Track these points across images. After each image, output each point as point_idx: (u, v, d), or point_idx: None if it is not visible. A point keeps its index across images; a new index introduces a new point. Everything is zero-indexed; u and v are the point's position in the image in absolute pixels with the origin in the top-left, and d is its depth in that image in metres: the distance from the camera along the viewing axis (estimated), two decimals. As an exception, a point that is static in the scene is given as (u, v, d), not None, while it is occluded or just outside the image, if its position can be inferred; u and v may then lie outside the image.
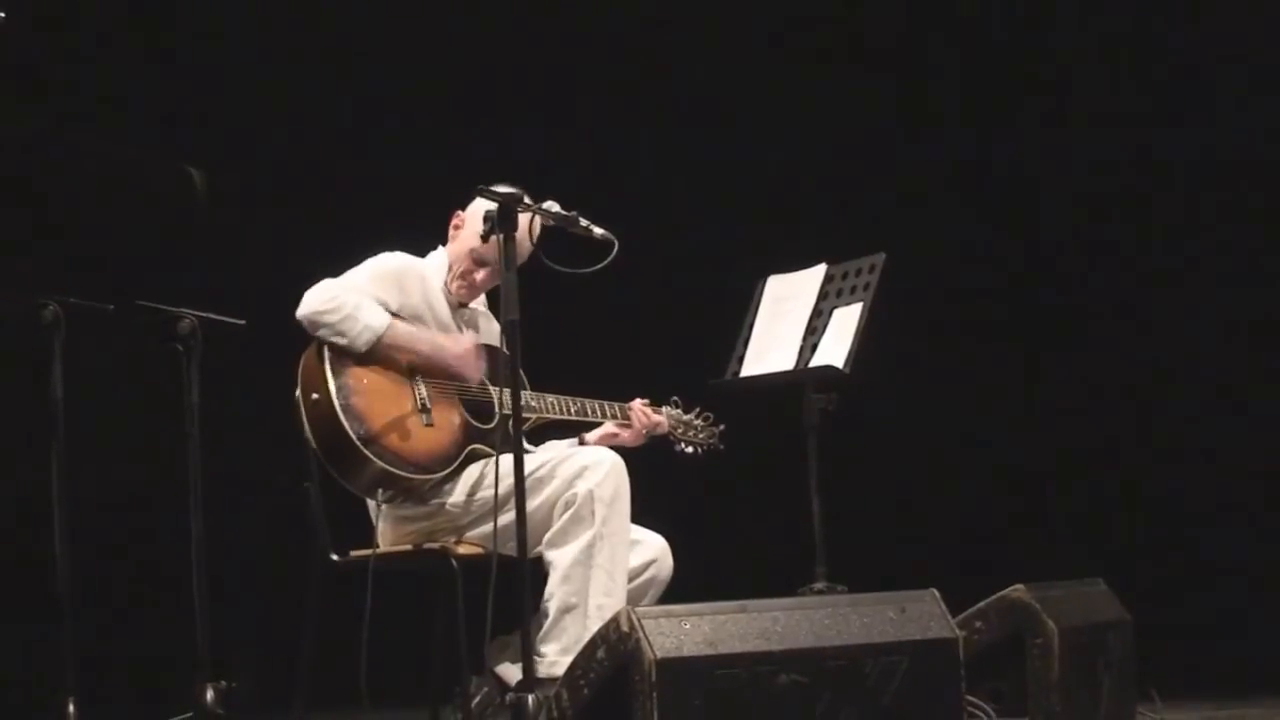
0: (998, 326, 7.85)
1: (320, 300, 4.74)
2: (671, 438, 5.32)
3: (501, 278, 4.36)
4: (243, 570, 6.41)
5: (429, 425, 4.82)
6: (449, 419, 4.88)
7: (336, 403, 4.68)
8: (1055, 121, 7.84)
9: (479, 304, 5.18)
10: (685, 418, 5.37)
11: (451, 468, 4.82)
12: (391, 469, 4.71)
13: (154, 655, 6.62)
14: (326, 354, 4.74)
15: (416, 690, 5.28)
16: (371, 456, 4.68)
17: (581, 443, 5.21)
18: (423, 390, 4.85)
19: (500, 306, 4.43)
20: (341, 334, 4.73)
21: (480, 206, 4.98)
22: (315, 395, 4.72)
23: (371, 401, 4.74)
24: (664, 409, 5.32)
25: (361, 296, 4.78)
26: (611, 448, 5.11)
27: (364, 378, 4.77)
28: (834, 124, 7.87)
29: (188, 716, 4.78)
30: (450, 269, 5.05)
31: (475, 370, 4.92)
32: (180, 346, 4.85)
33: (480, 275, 5.02)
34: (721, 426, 5.42)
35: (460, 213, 5.07)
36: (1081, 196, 7.87)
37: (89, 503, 5.32)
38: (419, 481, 4.79)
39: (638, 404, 5.24)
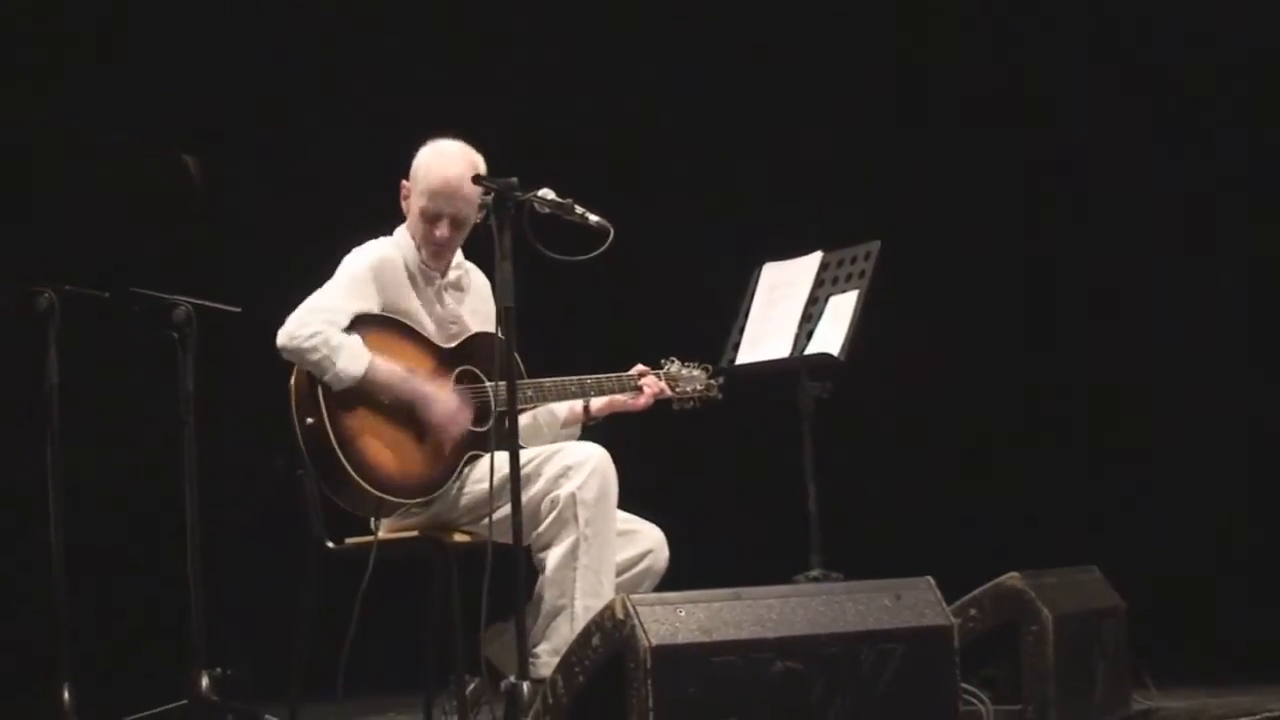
0: (993, 313, 7.85)
1: (302, 336, 4.65)
2: (673, 395, 5.28)
3: (497, 267, 4.34)
4: (238, 557, 6.41)
5: (425, 441, 4.79)
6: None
7: (331, 431, 4.63)
8: (1059, 110, 7.83)
9: (458, 264, 5.11)
10: (684, 372, 5.31)
11: (448, 482, 4.81)
12: (387, 496, 4.70)
13: (149, 642, 6.63)
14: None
15: (411, 679, 5.29)
16: (366, 485, 4.65)
17: (586, 409, 5.19)
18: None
19: (495, 292, 4.41)
20: (321, 371, 4.64)
21: (418, 163, 4.99)
22: (309, 420, 4.67)
23: (366, 426, 4.70)
24: (663, 366, 5.27)
25: (342, 334, 4.69)
26: (615, 414, 5.18)
27: (358, 400, 4.71)
28: (830, 110, 7.87)
29: (182, 703, 4.79)
30: (415, 243, 5.01)
31: (458, 427, 4.81)
32: (175, 334, 4.85)
33: (439, 231, 4.92)
34: (721, 379, 5.38)
35: (405, 182, 5.02)
36: (1081, 184, 7.86)
37: (84, 490, 5.33)
38: (416, 503, 4.80)
39: (638, 370, 5.21)
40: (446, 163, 4.90)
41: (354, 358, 4.67)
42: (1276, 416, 7.43)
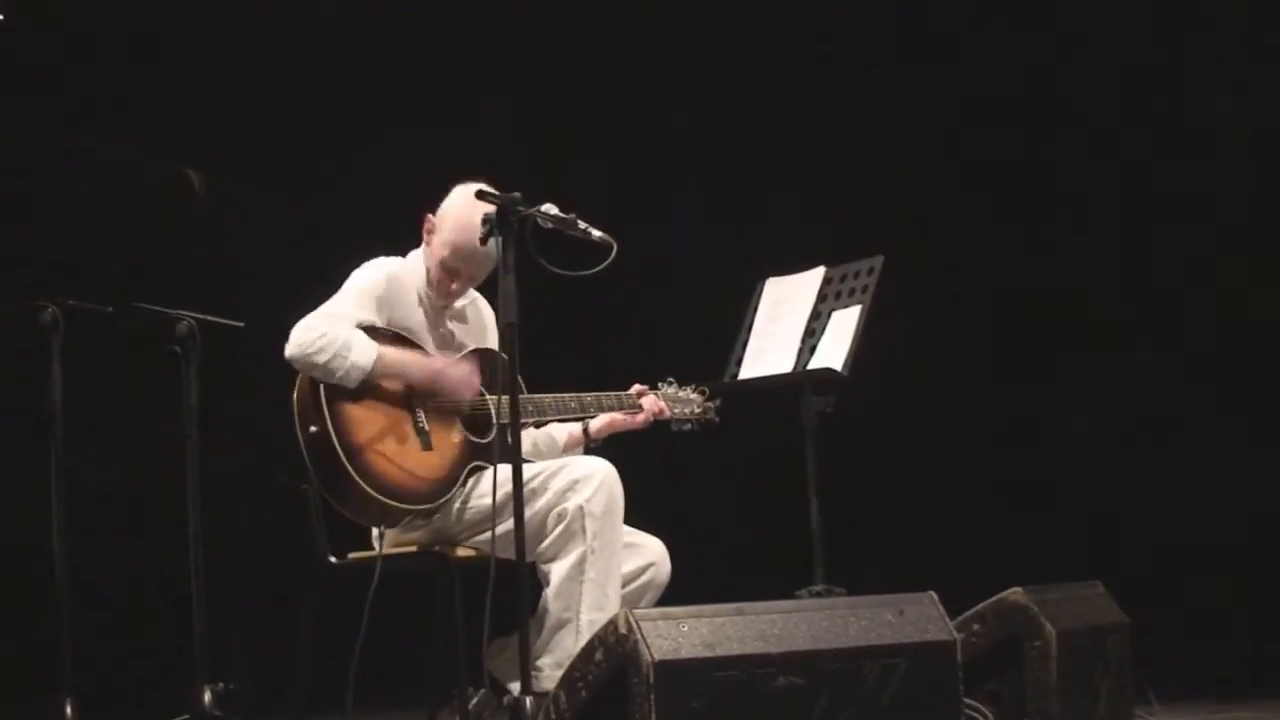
0: (996, 329, 7.85)
1: (308, 340, 4.67)
2: (670, 417, 5.31)
3: (500, 282, 4.34)
4: (241, 572, 6.41)
5: (428, 450, 4.79)
6: (448, 440, 4.86)
7: (335, 439, 4.65)
8: (1061, 123, 7.83)
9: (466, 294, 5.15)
10: (681, 394, 5.34)
11: (452, 492, 4.82)
12: (391, 502, 4.71)
13: (152, 656, 6.63)
14: (322, 387, 4.70)
15: (414, 693, 5.29)
16: (371, 491, 4.66)
17: (585, 431, 5.23)
18: (421, 415, 4.83)
19: (499, 309, 4.41)
20: (331, 373, 4.67)
21: (449, 210, 4.97)
22: (313, 428, 4.68)
23: (369, 434, 4.71)
24: (660, 388, 5.30)
25: (349, 330, 4.72)
26: (613, 435, 5.20)
27: (360, 409, 4.72)
28: (833, 125, 7.88)
29: (185, 717, 4.79)
30: (428, 274, 5.02)
31: (470, 389, 4.87)
32: (178, 348, 4.85)
33: (454, 285, 4.99)
34: (718, 401, 5.40)
35: (431, 216, 5.02)
36: (1082, 198, 7.86)
37: (87, 504, 5.32)
38: (420, 511, 4.80)
39: (637, 390, 5.23)
40: (476, 223, 4.54)
41: (364, 350, 4.71)
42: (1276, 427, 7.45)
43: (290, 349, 4.70)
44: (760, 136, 7.90)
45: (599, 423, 5.22)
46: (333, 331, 4.69)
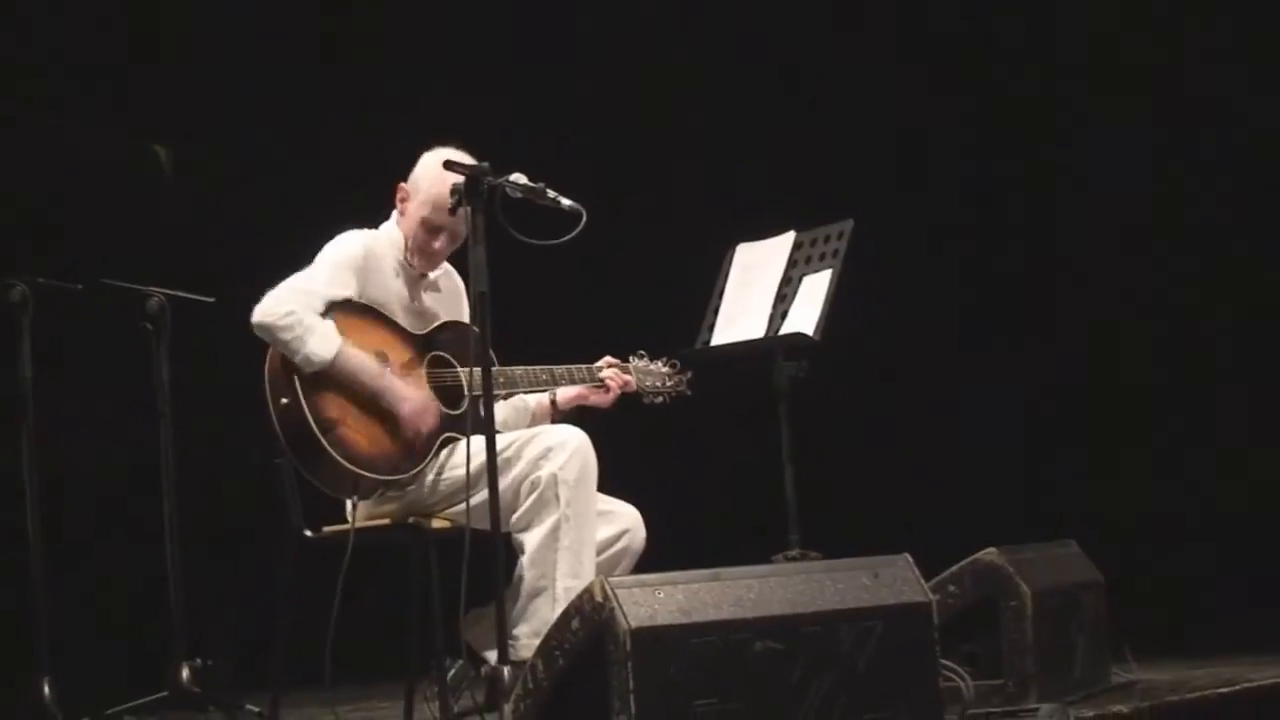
0: (968, 292, 7.86)
1: (276, 314, 4.65)
2: (640, 390, 5.30)
3: (470, 251, 4.34)
4: (216, 548, 6.41)
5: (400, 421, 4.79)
6: None
7: (306, 409, 4.63)
8: (1030, 87, 7.84)
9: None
10: (652, 368, 5.34)
11: (425, 462, 4.81)
12: (365, 473, 4.69)
13: (129, 634, 6.62)
14: None
15: (392, 665, 5.29)
16: (344, 462, 4.64)
17: (553, 403, 5.21)
18: None
19: (469, 277, 4.40)
20: (292, 353, 4.63)
21: (422, 173, 4.95)
22: (284, 400, 4.66)
23: (342, 405, 4.70)
24: (630, 361, 5.30)
25: (315, 317, 4.68)
26: (582, 409, 5.16)
27: (332, 382, 4.71)
28: (803, 90, 7.87)
29: (163, 694, 4.79)
30: (406, 244, 5.00)
31: (424, 427, 4.79)
32: (149, 325, 4.84)
33: (438, 244, 4.95)
34: (689, 373, 5.40)
35: (403, 185, 5.00)
36: (1053, 161, 7.88)
37: (60, 482, 5.32)
38: (393, 481, 4.79)
39: (606, 362, 5.23)
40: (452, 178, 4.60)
41: (324, 341, 4.66)
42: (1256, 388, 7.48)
43: (257, 315, 4.67)
44: (730, 99, 7.90)
45: (568, 395, 5.21)
46: (300, 313, 4.66)
